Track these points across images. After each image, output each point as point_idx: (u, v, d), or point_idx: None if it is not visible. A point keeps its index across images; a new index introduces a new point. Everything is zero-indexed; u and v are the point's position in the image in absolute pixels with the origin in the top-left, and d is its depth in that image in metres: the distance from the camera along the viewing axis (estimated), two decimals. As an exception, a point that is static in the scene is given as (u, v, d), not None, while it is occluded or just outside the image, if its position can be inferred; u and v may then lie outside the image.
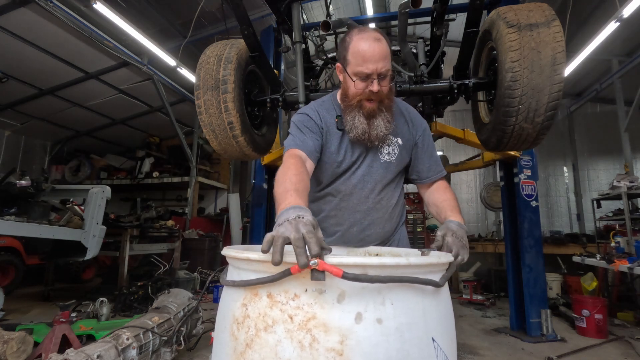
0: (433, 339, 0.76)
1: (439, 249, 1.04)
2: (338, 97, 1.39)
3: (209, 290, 5.90)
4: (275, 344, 0.71)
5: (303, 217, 0.78)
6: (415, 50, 2.70)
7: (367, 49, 1.17)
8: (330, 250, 0.74)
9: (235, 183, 9.93)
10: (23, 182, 4.16)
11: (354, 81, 1.21)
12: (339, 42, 1.43)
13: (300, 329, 0.70)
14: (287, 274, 0.71)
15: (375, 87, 1.19)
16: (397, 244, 1.46)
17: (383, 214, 1.38)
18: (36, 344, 2.57)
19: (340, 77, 1.31)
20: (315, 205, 1.42)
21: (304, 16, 7.28)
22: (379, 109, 1.25)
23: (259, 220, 4.29)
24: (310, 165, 1.24)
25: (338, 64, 1.30)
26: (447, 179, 5.81)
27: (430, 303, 0.79)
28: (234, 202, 8.19)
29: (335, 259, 0.70)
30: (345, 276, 0.67)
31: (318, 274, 0.68)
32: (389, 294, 0.73)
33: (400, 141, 1.36)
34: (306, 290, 0.72)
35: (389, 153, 1.35)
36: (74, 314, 3.16)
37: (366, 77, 1.19)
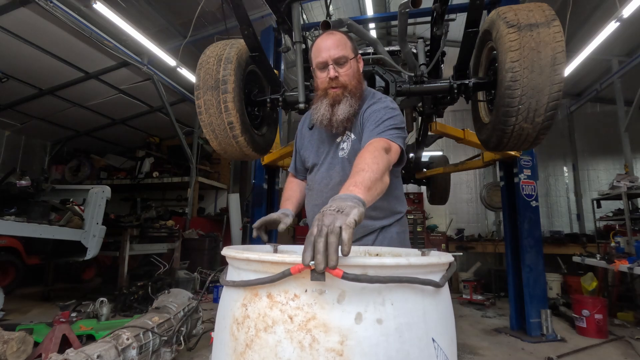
0: (433, 339, 0.76)
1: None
2: None
3: (209, 290, 5.90)
4: (275, 344, 0.71)
5: (274, 213, 1.29)
6: (415, 50, 2.70)
7: (321, 42, 1.36)
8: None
9: (235, 183, 9.93)
10: (23, 182, 4.16)
11: (316, 72, 1.38)
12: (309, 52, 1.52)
13: (300, 329, 0.70)
14: (286, 274, 0.70)
15: (332, 72, 1.32)
16: (379, 243, 1.39)
17: None
18: (36, 344, 2.57)
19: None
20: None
21: (304, 16, 7.28)
22: (343, 95, 1.34)
23: (259, 220, 4.29)
24: (300, 180, 1.62)
25: (312, 68, 1.44)
26: (447, 178, 5.86)
27: (431, 303, 0.79)
28: (234, 202, 8.19)
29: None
30: (346, 276, 0.67)
31: (318, 275, 0.67)
32: (389, 294, 0.73)
33: (353, 136, 1.41)
34: (306, 291, 0.72)
35: (343, 149, 1.41)
36: (74, 314, 3.16)
37: (324, 66, 1.34)
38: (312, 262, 0.68)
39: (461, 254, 6.77)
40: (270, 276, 0.73)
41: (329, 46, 1.33)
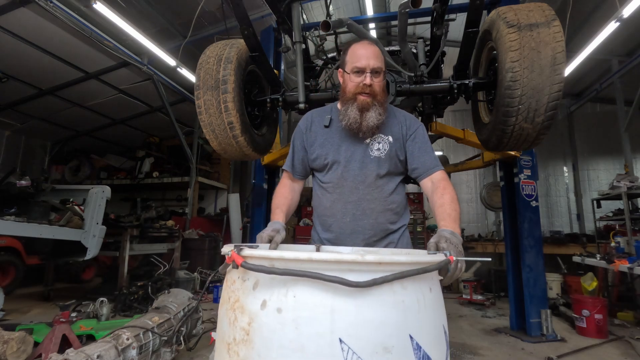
0: (340, 340, 0.72)
1: None
2: (339, 103, 1.57)
3: (209, 290, 5.90)
4: (222, 315, 0.90)
5: (264, 231, 1.27)
6: (415, 50, 2.70)
7: (362, 49, 1.42)
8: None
9: (235, 183, 9.93)
10: (23, 182, 4.16)
11: (350, 76, 1.42)
12: (342, 54, 1.55)
13: (232, 308, 0.85)
14: (227, 264, 0.87)
15: (367, 80, 1.38)
16: (394, 246, 1.45)
17: (376, 206, 1.44)
18: (36, 344, 2.57)
19: (341, 80, 1.51)
20: (316, 199, 1.56)
21: (304, 16, 7.27)
22: (372, 103, 1.41)
23: (259, 220, 4.29)
24: (298, 182, 1.60)
25: (339, 70, 1.50)
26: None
27: (346, 302, 0.73)
28: (234, 202, 8.19)
29: (249, 251, 0.83)
30: (244, 265, 0.79)
31: (233, 263, 0.83)
32: (293, 287, 0.77)
33: (391, 139, 1.47)
34: (239, 277, 0.87)
35: (378, 149, 1.46)
36: (74, 314, 3.16)
37: (360, 72, 1.39)
38: (226, 253, 0.84)
39: (461, 254, 6.75)
40: (225, 264, 0.90)
41: (369, 55, 1.39)
